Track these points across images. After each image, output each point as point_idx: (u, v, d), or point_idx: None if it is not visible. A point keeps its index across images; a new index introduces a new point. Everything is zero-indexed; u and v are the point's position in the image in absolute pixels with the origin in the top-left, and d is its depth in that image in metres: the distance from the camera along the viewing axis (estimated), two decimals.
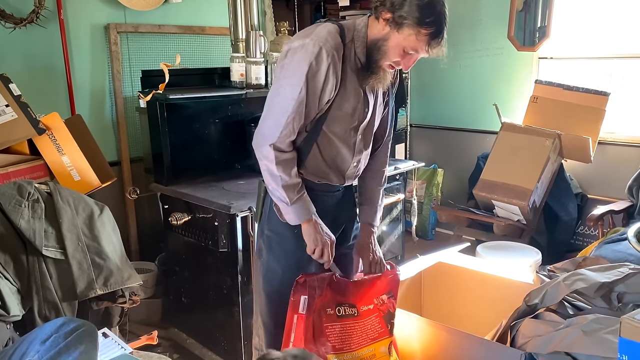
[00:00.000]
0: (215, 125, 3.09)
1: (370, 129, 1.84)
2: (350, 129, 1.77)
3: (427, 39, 1.61)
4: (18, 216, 2.00)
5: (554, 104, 3.69)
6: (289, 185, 1.72)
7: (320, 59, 1.62)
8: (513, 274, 2.32)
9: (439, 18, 1.60)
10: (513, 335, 1.77)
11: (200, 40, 3.53)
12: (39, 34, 2.89)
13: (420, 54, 1.66)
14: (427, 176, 4.54)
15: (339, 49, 1.65)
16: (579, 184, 3.83)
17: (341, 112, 1.73)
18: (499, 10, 4.06)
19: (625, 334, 1.28)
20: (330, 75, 1.64)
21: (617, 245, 2.50)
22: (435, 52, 1.65)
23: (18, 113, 2.37)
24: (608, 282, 1.77)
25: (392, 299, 1.91)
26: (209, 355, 2.73)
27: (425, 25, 1.59)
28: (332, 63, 1.63)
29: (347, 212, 1.97)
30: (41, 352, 1.44)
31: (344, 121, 1.75)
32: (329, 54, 1.62)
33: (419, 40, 1.61)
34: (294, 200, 1.73)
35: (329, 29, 1.66)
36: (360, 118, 1.78)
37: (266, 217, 1.88)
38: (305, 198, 1.75)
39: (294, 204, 1.73)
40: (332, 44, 1.63)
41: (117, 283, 2.14)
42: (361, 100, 1.75)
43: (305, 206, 1.75)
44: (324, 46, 1.62)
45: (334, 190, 1.88)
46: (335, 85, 1.67)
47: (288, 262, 1.87)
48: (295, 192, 1.73)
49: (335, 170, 1.83)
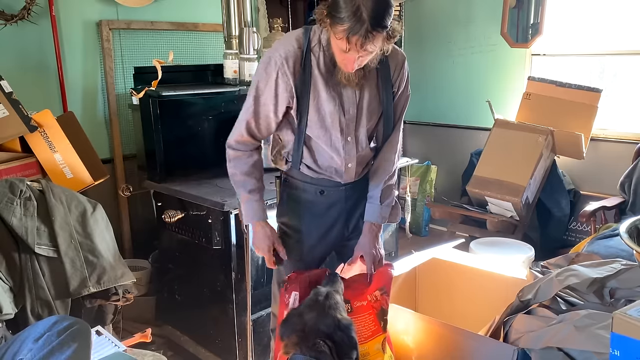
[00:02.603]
0: (208, 122, 3.08)
1: (359, 129, 1.82)
2: (333, 133, 1.78)
3: (345, 35, 1.52)
4: (10, 214, 1.99)
5: (547, 101, 3.70)
6: (237, 182, 1.84)
7: (270, 69, 1.70)
8: (506, 270, 2.33)
9: (356, 11, 1.48)
10: (506, 330, 1.78)
11: (193, 36, 3.51)
12: (31, 31, 2.87)
13: (351, 53, 1.58)
14: (420, 173, 4.55)
15: (292, 56, 1.69)
16: (571, 180, 3.85)
17: (319, 116, 1.75)
18: (492, 6, 4.07)
19: (617, 329, 1.29)
20: (280, 83, 1.70)
21: (610, 241, 2.51)
22: (368, 48, 1.55)
23: (9, 110, 2.35)
24: (600, 277, 1.78)
25: (385, 295, 1.91)
26: (202, 352, 2.73)
27: (339, 21, 1.51)
28: (281, 72, 1.69)
29: (362, 206, 1.97)
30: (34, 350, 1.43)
31: (324, 126, 1.77)
32: (277, 63, 1.69)
33: (339, 38, 1.55)
34: (244, 199, 1.85)
35: (289, 38, 1.73)
36: (342, 121, 1.77)
37: (279, 210, 1.98)
38: (256, 201, 1.85)
39: (244, 203, 1.86)
40: (282, 53, 1.69)
41: (110, 281, 2.14)
42: (338, 104, 1.75)
43: (254, 208, 1.85)
44: (272, 56, 1.70)
45: (341, 185, 1.90)
46: (292, 91, 1.71)
47: (296, 254, 1.95)
48: (247, 191, 1.83)
49: (333, 171, 1.86)
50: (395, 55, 1.82)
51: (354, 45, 1.54)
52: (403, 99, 1.89)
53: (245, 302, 2.48)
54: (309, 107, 1.74)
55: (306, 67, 1.70)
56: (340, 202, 1.93)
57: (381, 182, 1.92)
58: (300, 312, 1.56)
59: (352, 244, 2.01)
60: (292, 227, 1.95)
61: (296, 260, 1.96)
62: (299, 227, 1.93)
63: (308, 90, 1.72)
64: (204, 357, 2.72)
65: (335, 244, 2.01)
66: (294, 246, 1.95)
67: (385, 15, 1.53)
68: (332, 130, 1.78)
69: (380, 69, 1.79)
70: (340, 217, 1.95)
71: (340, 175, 1.87)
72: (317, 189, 1.90)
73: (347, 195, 1.93)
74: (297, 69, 1.70)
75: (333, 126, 1.77)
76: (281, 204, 1.97)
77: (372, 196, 1.94)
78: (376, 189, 1.93)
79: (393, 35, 1.60)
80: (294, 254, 1.96)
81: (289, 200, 1.94)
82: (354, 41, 1.53)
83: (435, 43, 4.46)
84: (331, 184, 1.89)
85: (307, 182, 1.90)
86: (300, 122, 1.77)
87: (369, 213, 1.95)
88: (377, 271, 1.94)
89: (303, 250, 1.96)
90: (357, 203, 1.97)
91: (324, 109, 1.75)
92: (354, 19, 1.49)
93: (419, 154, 4.43)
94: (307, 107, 1.74)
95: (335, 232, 1.97)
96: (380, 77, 1.80)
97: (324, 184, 1.89)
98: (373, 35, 1.52)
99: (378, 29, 1.52)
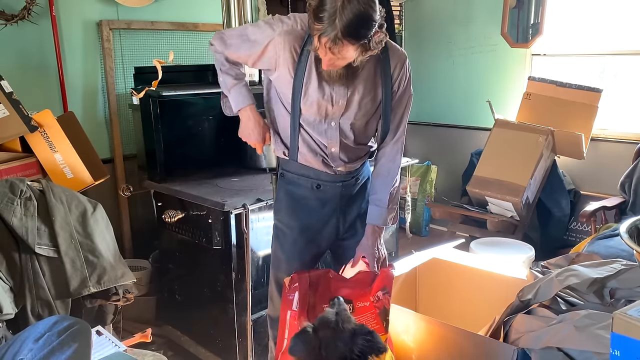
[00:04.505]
0: (208, 122, 3.08)
1: (343, 119, 1.83)
2: (317, 118, 1.82)
3: (317, 34, 1.56)
4: (10, 214, 1.99)
5: (547, 101, 3.70)
6: (225, 71, 1.90)
7: (268, 31, 1.76)
8: (506, 270, 2.33)
9: (333, 15, 1.51)
10: (506, 330, 1.77)
11: (194, 36, 3.51)
12: (31, 31, 2.87)
13: (320, 52, 1.61)
14: (420, 173, 4.55)
15: (294, 34, 1.73)
16: (571, 180, 3.85)
17: (306, 101, 1.79)
18: (492, 6, 4.06)
19: (618, 329, 1.29)
20: (270, 48, 1.75)
21: (610, 241, 2.50)
22: (336, 53, 1.58)
23: (10, 110, 2.35)
24: (600, 277, 1.78)
25: (387, 295, 1.91)
26: (203, 352, 2.73)
27: (317, 20, 1.54)
28: (277, 40, 1.74)
29: (356, 206, 1.99)
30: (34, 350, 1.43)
31: (310, 110, 1.80)
32: (278, 32, 1.74)
33: (313, 35, 1.59)
34: (232, 85, 1.90)
35: (300, 16, 1.77)
36: (329, 109, 1.80)
37: (275, 207, 2.00)
38: (244, 86, 1.91)
39: (233, 90, 1.90)
40: (286, 27, 1.74)
41: (110, 281, 2.13)
42: (327, 94, 1.77)
43: (243, 93, 1.90)
44: (274, 26, 1.76)
45: (337, 182, 1.92)
46: (276, 62, 1.76)
47: (291, 252, 1.96)
48: (234, 77, 1.90)
49: (325, 156, 1.88)
50: (397, 54, 1.83)
51: (322, 46, 1.58)
52: (405, 99, 1.90)
53: (245, 302, 2.48)
54: (302, 89, 1.77)
55: (304, 50, 1.73)
56: (335, 198, 1.94)
57: (389, 186, 1.92)
58: (314, 329, 1.52)
59: (347, 244, 2.02)
60: (288, 223, 1.96)
61: (291, 257, 1.96)
62: (294, 223, 1.94)
63: (303, 72, 1.75)
64: (204, 357, 2.72)
65: (330, 241, 2.02)
66: (289, 243, 1.96)
67: (361, 28, 1.54)
68: (317, 116, 1.81)
69: (380, 66, 1.79)
70: (335, 214, 1.96)
71: (327, 157, 1.89)
72: (313, 183, 1.91)
73: (342, 192, 1.94)
74: (294, 48, 1.73)
75: (319, 112, 1.80)
76: (277, 200, 1.99)
77: (378, 199, 1.93)
78: (384, 192, 1.92)
79: (371, 48, 1.61)
80: (289, 251, 1.96)
81: (285, 196, 1.96)
82: (323, 42, 1.56)
83: (435, 43, 4.46)
84: (327, 177, 1.91)
85: (303, 175, 1.91)
86: (294, 104, 1.80)
87: (374, 216, 1.94)
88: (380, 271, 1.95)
89: (298, 247, 1.96)
90: (352, 201, 1.98)
91: (313, 95, 1.77)
92: (328, 21, 1.52)
93: (419, 154, 4.43)
94: (300, 88, 1.77)
95: (330, 229, 1.98)
96: (380, 74, 1.81)
97: (320, 178, 1.90)
98: (342, 42, 1.54)
99: (348, 38, 1.54)
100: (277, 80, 1.83)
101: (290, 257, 1.96)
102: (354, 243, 2.00)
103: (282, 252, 1.98)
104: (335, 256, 2.11)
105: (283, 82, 1.80)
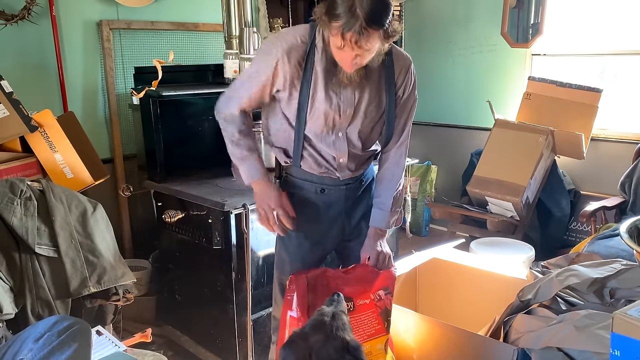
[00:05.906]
0: (208, 122, 3.08)
1: (351, 128, 1.81)
2: (325, 130, 1.79)
3: (340, 31, 1.53)
4: (10, 214, 1.99)
5: (547, 101, 3.70)
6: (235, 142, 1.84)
7: (270, 58, 1.71)
8: (506, 270, 2.33)
9: (351, 7, 1.49)
10: (506, 330, 1.78)
11: (194, 36, 3.51)
12: (31, 31, 2.87)
13: (346, 51, 1.59)
14: (420, 173, 4.55)
15: (295, 49, 1.70)
16: (571, 180, 3.85)
17: (313, 113, 1.76)
18: (492, 6, 4.06)
19: (618, 329, 1.29)
20: (280, 70, 1.71)
21: (610, 241, 2.51)
22: (363, 45, 1.55)
23: (10, 110, 2.35)
24: (600, 277, 1.78)
25: (389, 295, 1.91)
26: (202, 352, 2.73)
27: (335, 18, 1.52)
28: (282, 60, 1.70)
29: (361, 207, 1.98)
30: (34, 350, 1.43)
31: (317, 123, 1.77)
32: (277, 53, 1.70)
33: (334, 34, 1.56)
34: (244, 157, 1.84)
35: (295, 30, 1.74)
36: (336, 120, 1.77)
37: None
38: (256, 159, 1.85)
39: (244, 162, 1.84)
40: (284, 45, 1.70)
41: (110, 281, 2.13)
42: (335, 104, 1.75)
43: (256, 167, 1.84)
44: (274, 45, 1.72)
45: (341, 185, 1.90)
46: (286, 80, 1.72)
47: (296, 255, 1.95)
48: (247, 149, 1.84)
49: (330, 166, 1.86)
50: (401, 58, 1.82)
51: (348, 42, 1.54)
52: (410, 103, 1.88)
53: (245, 302, 2.48)
54: (308, 102, 1.74)
55: (308, 62, 1.71)
56: (340, 201, 1.93)
57: (393, 189, 1.92)
58: (305, 335, 1.47)
59: (352, 244, 2.01)
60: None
61: (296, 259, 1.95)
62: (299, 227, 1.92)
63: (309, 85, 1.73)
64: (204, 357, 2.72)
65: (336, 243, 2.01)
66: (294, 246, 1.95)
67: (382, 13, 1.53)
68: (324, 128, 1.78)
69: (384, 72, 1.78)
70: (340, 216, 1.95)
71: (337, 170, 1.87)
72: (317, 188, 1.90)
73: (347, 194, 1.93)
74: (298, 62, 1.71)
75: (326, 124, 1.78)
76: None
77: (382, 202, 1.92)
78: (387, 196, 1.92)
79: (391, 35, 1.59)
80: (294, 253, 1.96)
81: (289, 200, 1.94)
82: (348, 37, 1.53)
83: (435, 43, 4.46)
84: (331, 182, 1.89)
85: (307, 180, 1.90)
86: (299, 117, 1.77)
87: (377, 219, 1.94)
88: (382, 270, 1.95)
89: (303, 249, 1.95)
90: (357, 203, 1.97)
91: (320, 107, 1.75)
92: (348, 14, 1.49)
93: (419, 154, 4.42)
94: (306, 101, 1.74)
95: (336, 232, 1.97)
96: (384, 80, 1.79)
97: (324, 182, 1.89)
98: (368, 32, 1.51)
99: (373, 26, 1.51)
100: (282, 96, 1.78)
101: (295, 259, 1.95)
102: (359, 243, 1.99)
103: (287, 254, 1.97)
104: (341, 256, 2.10)
105: (290, 98, 1.77)
